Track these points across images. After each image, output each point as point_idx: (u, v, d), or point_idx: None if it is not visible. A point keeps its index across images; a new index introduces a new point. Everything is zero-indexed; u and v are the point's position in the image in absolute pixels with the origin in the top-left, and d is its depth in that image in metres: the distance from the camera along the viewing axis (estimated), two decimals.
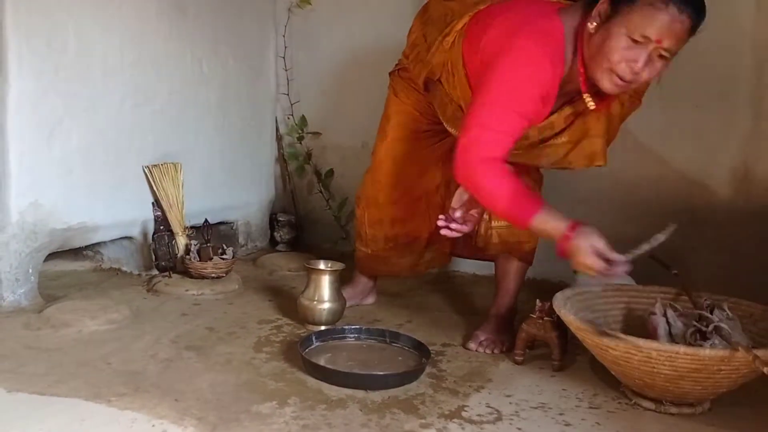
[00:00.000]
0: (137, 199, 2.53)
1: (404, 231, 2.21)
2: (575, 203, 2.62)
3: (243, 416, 1.52)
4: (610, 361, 1.66)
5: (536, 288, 2.52)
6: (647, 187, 2.51)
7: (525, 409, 1.63)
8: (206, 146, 2.82)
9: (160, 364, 1.80)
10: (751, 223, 2.33)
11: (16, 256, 2.16)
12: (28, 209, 2.18)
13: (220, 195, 2.90)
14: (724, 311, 1.74)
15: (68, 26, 2.24)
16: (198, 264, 2.48)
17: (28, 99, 2.15)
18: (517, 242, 2.07)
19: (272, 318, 2.21)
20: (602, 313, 1.90)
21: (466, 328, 2.17)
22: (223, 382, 1.70)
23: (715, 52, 2.33)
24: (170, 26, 2.61)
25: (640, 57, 1.60)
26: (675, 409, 1.63)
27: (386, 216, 2.19)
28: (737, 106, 2.33)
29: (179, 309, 2.26)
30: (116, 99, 2.43)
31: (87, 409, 1.53)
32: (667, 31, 1.58)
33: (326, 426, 1.50)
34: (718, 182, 2.39)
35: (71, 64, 2.26)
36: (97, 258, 2.67)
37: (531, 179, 2.06)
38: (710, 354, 1.51)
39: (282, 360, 1.86)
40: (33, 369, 1.73)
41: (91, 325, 2.03)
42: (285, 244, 3.13)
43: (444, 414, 1.59)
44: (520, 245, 2.08)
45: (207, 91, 2.79)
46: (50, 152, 2.24)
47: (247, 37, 2.99)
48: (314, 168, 3.18)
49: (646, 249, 1.62)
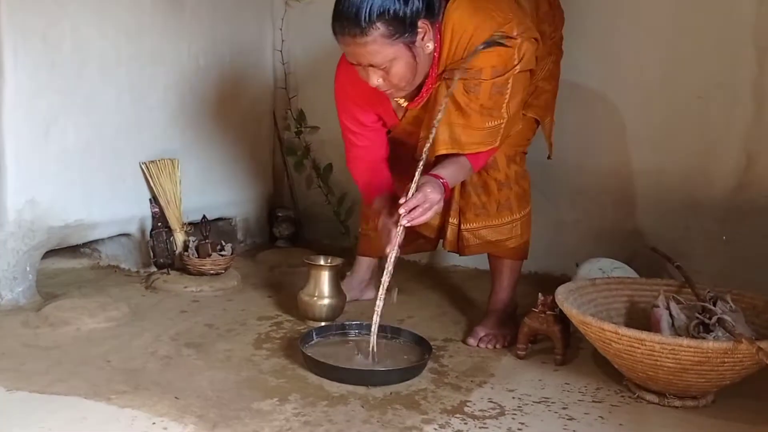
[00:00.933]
0: (135, 195, 2.52)
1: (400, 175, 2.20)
2: (574, 195, 2.63)
3: (243, 413, 1.51)
4: (613, 355, 1.65)
5: (538, 282, 2.51)
6: (647, 180, 2.50)
7: (528, 404, 1.62)
8: (204, 142, 2.80)
9: (160, 362, 1.79)
10: (753, 214, 2.32)
11: (13, 254, 2.15)
12: (25, 207, 2.17)
13: (218, 191, 2.88)
14: (727, 303, 1.73)
15: (64, 22, 2.23)
16: (196, 260, 2.46)
17: (24, 96, 2.14)
18: (498, 241, 2.03)
19: (272, 314, 2.20)
20: (605, 306, 1.89)
21: (468, 323, 2.16)
22: (224, 379, 1.69)
23: (716, 42, 2.32)
24: (166, 21, 2.59)
25: (366, 76, 1.76)
26: (678, 402, 1.63)
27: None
28: (739, 96, 2.31)
29: (178, 306, 2.24)
30: (113, 95, 2.42)
31: (87, 407, 1.52)
32: (356, 55, 1.72)
33: (328, 422, 1.49)
34: (720, 174, 2.37)
35: (67, 61, 2.25)
36: (95, 255, 2.65)
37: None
38: (714, 346, 1.50)
39: (282, 356, 1.85)
40: (32, 367, 1.72)
41: (90, 323, 2.02)
42: (284, 240, 3.11)
43: (446, 409, 1.58)
44: (503, 243, 2.04)
45: (204, 86, 2.78)
46: (47, 149, 2.22)
47: (245, 31, 2.97)
48: (313, 163, 3.16)
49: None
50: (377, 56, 1.69)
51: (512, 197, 2.01)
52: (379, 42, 1.66)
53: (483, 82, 1.76)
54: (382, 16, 1.64)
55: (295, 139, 3.18)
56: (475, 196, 2.00)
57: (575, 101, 2.47)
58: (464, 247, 2.05)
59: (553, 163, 2.25)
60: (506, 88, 1.78)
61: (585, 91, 2.52)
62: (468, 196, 2.00)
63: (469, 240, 2.03)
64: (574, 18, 2.25)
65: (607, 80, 2.52)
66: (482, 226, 2.01)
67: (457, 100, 1.79)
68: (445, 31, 1.78)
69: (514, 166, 2.02)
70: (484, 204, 2.00)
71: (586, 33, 2.45)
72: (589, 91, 2.53)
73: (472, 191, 2.00)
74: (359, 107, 1.99)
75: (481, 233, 2.02)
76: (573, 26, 2.20)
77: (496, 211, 2.00)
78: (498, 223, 2.01)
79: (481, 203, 2.00)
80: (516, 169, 2.02)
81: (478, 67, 1.76)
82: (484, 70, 1.76)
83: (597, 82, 2.53)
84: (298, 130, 3.15)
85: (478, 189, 2.00)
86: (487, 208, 2.00)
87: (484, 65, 1.75)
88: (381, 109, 1.99)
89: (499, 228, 2.01)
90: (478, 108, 1.79)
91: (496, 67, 1.75)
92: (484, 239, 2.03)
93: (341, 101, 2.03)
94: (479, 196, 2.00)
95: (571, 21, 2.18)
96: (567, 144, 2.35)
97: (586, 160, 2.58)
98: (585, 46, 2.46)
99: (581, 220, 2.63)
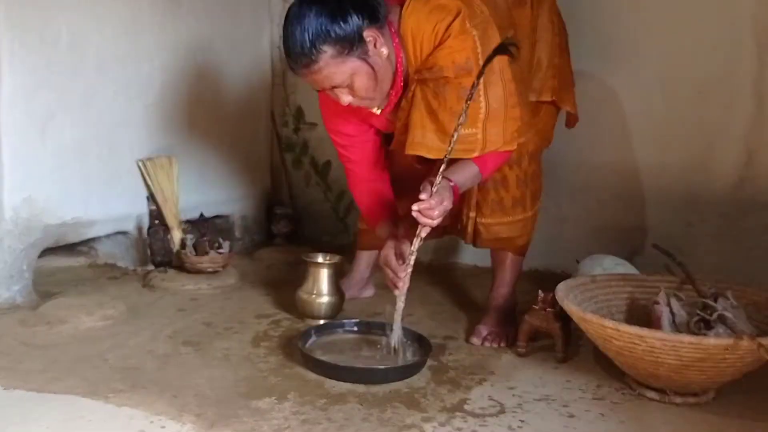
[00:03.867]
0: (132, 193, 2.51)
1: (403, 189, 2.16)
2: (575, 192, 2.62)
3: (242, 412, 1.50)
4: (614, 352, 1.64)
5: (539, 279, 2.51)
6: (648, 176, 2.49)
7: (528, 402, 1.61)
8: (201, 139, 2.79)
9: (158, 360, 1.78)
10: (754, 210, 2.31)
11: (10, 253, 2.14)
12: (21, 205, 2.16)
13: (215, 188, 2.87)
14: (728, 300, 1.72)
15: (60, 20, 2.22)
16: (194, 258, 2.45)
17: (20, 94, 2.12)
18: (509, 238, 2.05)
19: (270, 312, 2.19)
20: (605, 303, 1.88)
21: (468, 320, 2.15)
22: (222, 378, 1.68)
23: (717, 37, 2.31)
24: (163, 18, 2.58)
25: (336, 97, 1.76)
26: (679, 399, 1.62)
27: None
28: (740, 91, 2.31)
29: (176, 304, 2.23)
30: (109, 93, 2.41)
31: (84, 406, 1.51)
32: (316, 82, 1.73)
33: (326, 421, 1.48)
34: (721, 170, 2.36)
35: (64, 58, 2.24)
36: (92, 254, 2.63)
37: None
38: (714, 343, 1.49)
39: (281, 355, 1.84)
40: (29, 366, 1.71)
41: (87, 321, 2.00)
42: (282, 238, 3.10)
43: (446, 407, 1.57)
44: (513, 240, 2.06)
45: (201, 83, 2.77)
46: (43, 147, 2.21)
47: (242, 28, 2.96)
48: (311, 159, 3.15)
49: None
50: (335, 77, 1.69)
51: (528, 194, 2.02)
52: (332, 64, 1.66)
53: (448, 83, 1.72)
54: (325, 40, 1.64)
55: (293, 135, 3.17)
56: (493, 191, 2.00)
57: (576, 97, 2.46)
58: (478, 239, 2.06)
59: (554, 160, 2.24)
60: (477, 92, 1.67)
61: (586, 87, 2.51)
62: (487, 191, 2.00)
63: (483, 234, 2.04)
64: (575, 13, 2.24)
65: (607, 76, 2.51)
66: (496, 222, 2.02)
67: (429, 103, 1.75)
68: (405, 36, 1.76)
69: (533, 164, 2.03)
70: (501, 199, 2.00)
71: (586, 28, 2.44)
72: (590, 87, 2.51)
73: (491, 186, 2.00)
74: (342, 119, 1.98)
75: (494, 229, 2.03)
76: (573, 21, 2.19)
77: (510, 207, 2.01)
78: (511, 220, 2.02)
79: (498, 198, 2.00)
80: (534, 168, 2.04)
81: (439, 65, 1.72)
82: (446, 67, 1.71)
83: (598, 78, 2.52)
84: (296, 126, 3.14)
85: (498, 184, 2.00)
86: (503, 204, 2.01)
87: (445, 63, 1.71)
88: (371, 118, 1.96)
89: (511, 225, 2.02)
90: (448, 112, 1.72)
91: (457, 62, 1.70)
92: (496, 236, 2.04)
93: (326, 117, 2.04)
94: (497, 191, 2.00)
95: (571, 16, 2.16)
96: (568, 140, 2.34)
97: (587, 157, 2.57)
98: (585, 42, 2.45)
99: (582, 217, 2.62)
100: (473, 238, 2.07)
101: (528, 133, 1.94)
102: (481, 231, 2.04)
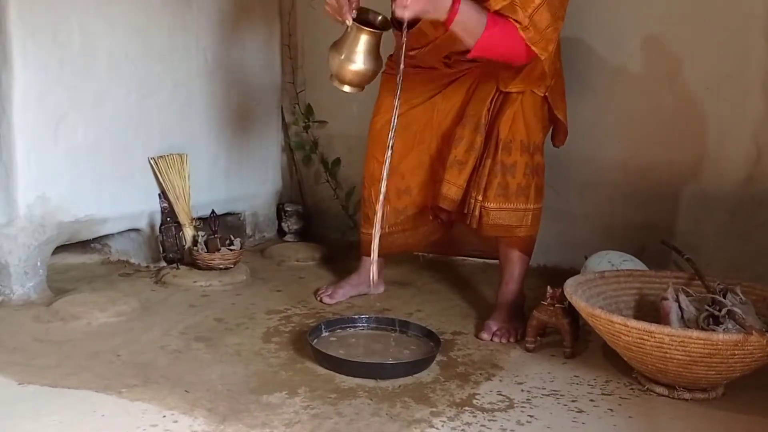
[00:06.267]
0: (144, 191, 2.53)
1: (410, 201, 2.23)
2: (583, 188, 2.61)
3: (253, 406, 1.52)
4: (623, 347, 1.64)
5: (547, 275, 2.51)
6: (657, 172, 2.48)
7: (537, 397, 1.62)
8: (212, 137, 2.81)
9: (170, 356, 1.80)
10: (764, 207, 2.30)
11: (24, 250, 2.16)
12: (35, 202, 2.18)
13: (226, 186, 2.89)
14: (737, 295, 1.72)
15: (72, 19, 2.24)
16: (206, 255, 2.47)
17: (33, 93, 2.14)
18: (509, 226, 2.05)
19: (281, 308, 2.21)
20: (614, 298, 1.89)
21: (477, 316, 2.16)
22: (233, 373, 1.70)
23: (726, 33, 2.30)
24: (174, 17, 2.59)
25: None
26: (688, 395, 1.62)
27: (390, 188, 2.19)
28: (749, 87, 2.30)
29: (187, 300, 2.25)
30: (121, 91, 2.42)
31: (98, 401, 1.53)
32: None
33: (336, 415, 1.50)
34: (730, 166, 2.36)
35: (76, 58, 2.26)
36: (105, 251, 2.67)
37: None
38: (723, 338, 1.49)
39: (291, 350, 1.86)
40: (43, 361, 1.73)
41: (101, 317, 2.03)
42: (293, 235, 3.11)
43: (455, 402, 1.58)
44: (512, 230, 2.06)
45: (212, 81, 2.78)
46: (56, 145, 2.23)
47: (252, 26, 2.97)
48: (321, 157, 3.16)
49: None
50: None
51: (532, 186, 2.04)
52: None
53: None
54: None
55: (303, 133, 3.18)
56: (501, 176, 2.01)
57: (584, 95, 2.46)
58: (481, 223, 2.06)
59: (562, 157, 2.24)
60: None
61: (593, 84, 2.51)
62: (494, 175, 2.02)
63: (485, 218, 2.05)
64: (582, 9, 2.24)
65: (615, 73, 2.51)
66: (498, 208, 2.03)
67: None
68: None
69: (538, 156, 2.06)
70: (507, 184, 2.02)
71: (593, 25, 2.44)
72: (598, 84, 2.51)
73: (499, 171, 2.01)
74: None
75: (495, 215, 2.04)
76: (580, 18, 2.19)
77: (514, 195, 2.02)
78: (512, 207, 2.03)
79: (504, 183, 2.02)
80: (539, 161, 2.07)
81: None
82: None
83: (605, 74, 2.51)
84: (306, 124, 3.15)
85: (506, 169, 2.02)
86: (507, 190, 2.02)
87: None
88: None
89: (511, 213, 2.03)
90: None
91: None
92: (497, 222, 2.04)
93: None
94: (504, 176, 2.02)
95: (578, 13, 2.16)
96: (576, 137, 2.34)
97: (595, 153, 2.56)
98: (593, 39, 2.45)
99: (590, 213, 2.62)
100: (478, 222, 2.07)
101: (552, 77, 2.03)
102: (484, 215, 2.05)
